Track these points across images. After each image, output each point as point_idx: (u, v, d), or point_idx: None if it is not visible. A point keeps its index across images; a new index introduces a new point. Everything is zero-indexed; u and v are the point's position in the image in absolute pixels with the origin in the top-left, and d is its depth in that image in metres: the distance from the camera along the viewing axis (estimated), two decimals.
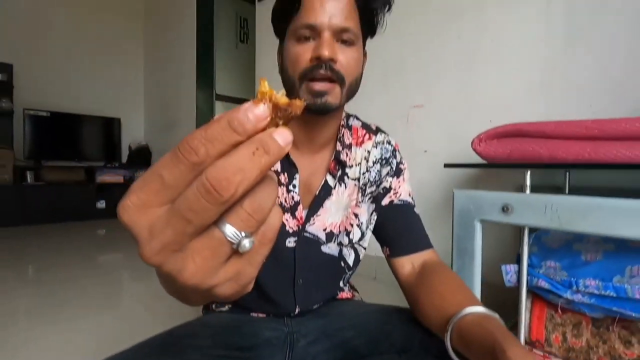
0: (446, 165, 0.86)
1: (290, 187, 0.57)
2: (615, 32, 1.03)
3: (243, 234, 0.17)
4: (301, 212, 0.58)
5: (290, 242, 0.58)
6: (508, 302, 0.91)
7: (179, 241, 0.17)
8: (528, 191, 0.72)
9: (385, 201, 0.63)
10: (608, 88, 1.04)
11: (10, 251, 2.20)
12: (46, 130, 3.23)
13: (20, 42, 3.25)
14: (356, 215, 0.62)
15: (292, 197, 0.57)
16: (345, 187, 0.61)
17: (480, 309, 0.42)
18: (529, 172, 0.72)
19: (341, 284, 0.64)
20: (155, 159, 3.80)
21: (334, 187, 0.60)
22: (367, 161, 0.63)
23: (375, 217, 0.63)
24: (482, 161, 1.04)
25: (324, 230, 0.60)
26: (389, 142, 0.66)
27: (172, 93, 3.53)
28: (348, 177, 0.61)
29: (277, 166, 0.58)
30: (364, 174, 0.62)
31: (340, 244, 0.61)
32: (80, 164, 3.39)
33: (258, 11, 2.48)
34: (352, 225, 0.61)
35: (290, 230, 0.58)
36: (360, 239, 0.63)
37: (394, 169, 0.64)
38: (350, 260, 0.62)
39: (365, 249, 0.64)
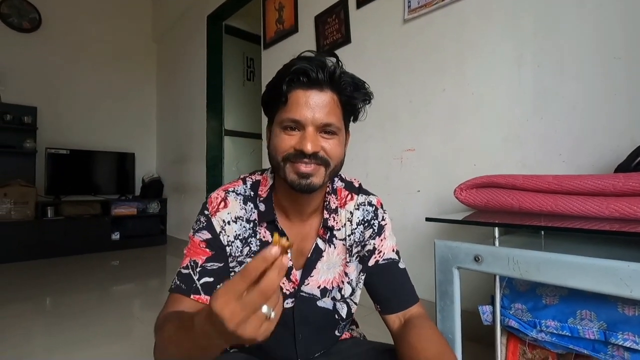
0: (428, 219, 0.99)
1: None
2: (576, 95, 1.17)
3: (271, 309, 0.34)
4: (295, 275, 0.65)
5: (288, 303, 0.64)
6: (490, 337, 1.02)
7: (246, 318, 0.34)
8: (497, 244, 0.84)
9: (371, 262, 0.69)
10: (573, 142, 1.18)
11: (31, 284, 2.35)
12: (65, 167, 3.44)
13: (44, 87, 3.52)
14: (346, 274, 0.69)
15: None
16: (334, 247, 0.68)
17: None
18: (496, 229, 0.85)
19: (337, 332, 0.71)
20: (167, 191, 3.98)
21: (324, 250, 0.67)
22: (351, 223, 0.68)
23: (364, 276, 0.70)
24: (464, 207, 1.18)
25: (318, 287, 0.66)
26: (370, 203, 0.71)
27: (183, 129, 3.74)
28: (336, 238, 0.68)
29: (268, 237, 0.65)
30: (349, 235, 0.68)
31: (333, 299, 0.68)
32: (97, 198, 3.57)
33: (264, 53, 2.70)
34: (343, 282, 0.68)
35: (287, 292, 0.64)
36: (351, 294, 0.69)
37: (376, 230, 0.69)
38: (344, 313, 0.69)
39: (356, 304, 0.71)
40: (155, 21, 4.32)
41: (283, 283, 0.64)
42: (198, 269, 0.59)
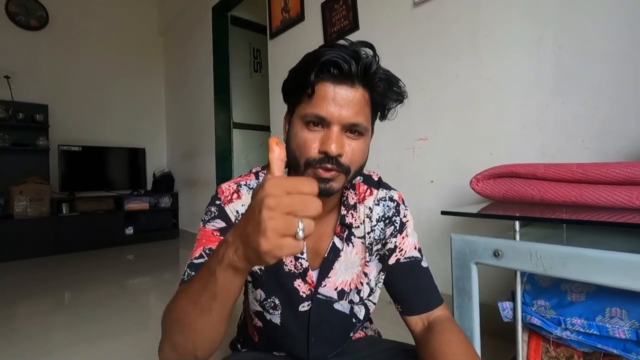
0: (443, 213, 0.95)
1: (298, 255, 0.60)
2: (601, 77, 1.10)
3: (301, 229, 0.32)
4: (312, 276, 0.62)
5: (304, 307, 0.62)
6: (510, 332, 0.98)
7: (283, 225, 0.32)
8: (517, 238, 0.80)
9: (392, 260, 0.65)
10: (598, 127, 1.11)
11: (49, 279, 2.40)
12: (78, 164, 3.48)
13: (54, 85, 3.54)
14: (365, 274, 0.65)
15: (301, 264, 0.61)
16: (353, 246, 0.63)
17: None
18: (517, 223, 0.80)
19: (351, 334, 0.69)
20: (178, 185, 4.00)
21: (342, 249, 0.63)
22: (370, 219, 0.64)
23: (383, 276, 0.67)
24: (480, 198, 1.13)
25: (336, 289, 0.63)
26: (391, 199, 0.66)
27: (192, 123, 3.73)
28: (355, 236, 0.64)
29: None
30: (369, 233, 0.64)
31: (351, 302, 0.64)
32: (110, 193, 3.61)
33: (270, 44, 2.64)
34: (362, 284, 0.65)
35: (304, 295, 0.61)
36: (370, 294, 0.66)
37: (398, 227, 0.65)
38: (361, 315, 0.66)
39: (374, 304, 0.68)
40: (161, 14, 4.29)
41: (299, 285, 0.62)
42: None
